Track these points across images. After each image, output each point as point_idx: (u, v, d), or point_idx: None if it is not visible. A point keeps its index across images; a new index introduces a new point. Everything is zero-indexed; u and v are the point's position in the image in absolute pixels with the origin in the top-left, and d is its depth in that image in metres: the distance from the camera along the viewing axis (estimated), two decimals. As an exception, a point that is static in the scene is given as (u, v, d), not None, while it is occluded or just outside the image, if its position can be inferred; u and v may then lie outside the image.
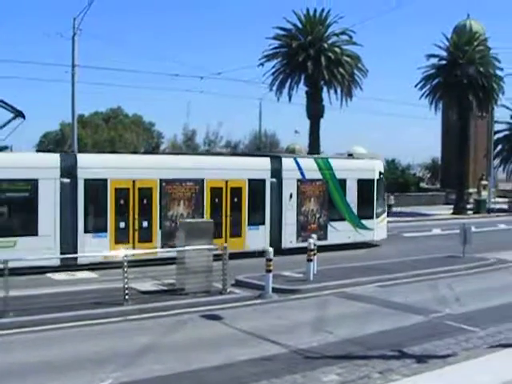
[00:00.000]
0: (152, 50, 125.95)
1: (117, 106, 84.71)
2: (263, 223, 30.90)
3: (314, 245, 24.01)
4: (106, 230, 26.51)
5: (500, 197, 72.08)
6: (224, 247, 21.27)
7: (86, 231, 26.14)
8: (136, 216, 27.28)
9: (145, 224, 27.49)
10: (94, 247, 25.30)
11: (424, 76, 64.50)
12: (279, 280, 22.62)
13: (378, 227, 35.65)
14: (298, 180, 32.14)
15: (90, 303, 18.48)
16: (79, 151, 42.84)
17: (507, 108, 71.28)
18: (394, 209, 58.93)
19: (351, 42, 56.89)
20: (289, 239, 31.66)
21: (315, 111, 55.93)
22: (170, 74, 47.36)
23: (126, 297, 18.86)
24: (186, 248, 20.55)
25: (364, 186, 34.56)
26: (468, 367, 13.19)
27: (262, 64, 56.17)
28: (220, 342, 15.86)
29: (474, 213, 64.13)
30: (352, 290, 22.48)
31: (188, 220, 22.40)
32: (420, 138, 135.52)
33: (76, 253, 24.87)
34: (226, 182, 29.68)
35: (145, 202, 27.53)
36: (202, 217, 28.24)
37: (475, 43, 64.51)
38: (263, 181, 30.97)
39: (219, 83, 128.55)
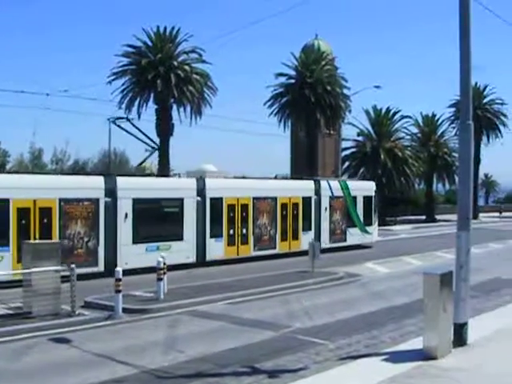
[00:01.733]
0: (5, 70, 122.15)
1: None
2: (310, 229, 41.17)
3: (164, 264, 23.75)
4: (222, 236, 35.52)
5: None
6: (71, 268, 20.64)
7: (210, 237, 34.79)
8: (239, 225, 36.57)
9: (244, 231, 36.87)
10: (215, 249, 34.92)
11: (273, 94, 65.64)
12: (129, 300, 22.32)
13: (374, 232, 47.14)
14: (330, 197, 43.03)
15: None
16: None
17: (354, 126, 73.62)
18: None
19: (201, 60, 57.11)
20: (324, 241, 41.51)
21: (165, 129, 55.68)
22: (15, 91, 45.86)
23: (-31, 322, 18.10)
24: (32, 270, 19.91)
25: (366, 200, 46.05)
26: (319, 380, 13.30)
27: (110, 82, 55.44)
28: (69, 365, 15.38)
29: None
30: (203, 308, 22.49)
31: (32, 241, 21.76)
32: (274, 155, 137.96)
33: (205, 253, 34.54)
34: (290, 198, 39.93)
35: (244, 214, 36.84)
36: (276, 225, 38.75)
37: (323, 62, 66.24)
38: (310, 198, 41.68)
39: (67, 101, 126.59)
